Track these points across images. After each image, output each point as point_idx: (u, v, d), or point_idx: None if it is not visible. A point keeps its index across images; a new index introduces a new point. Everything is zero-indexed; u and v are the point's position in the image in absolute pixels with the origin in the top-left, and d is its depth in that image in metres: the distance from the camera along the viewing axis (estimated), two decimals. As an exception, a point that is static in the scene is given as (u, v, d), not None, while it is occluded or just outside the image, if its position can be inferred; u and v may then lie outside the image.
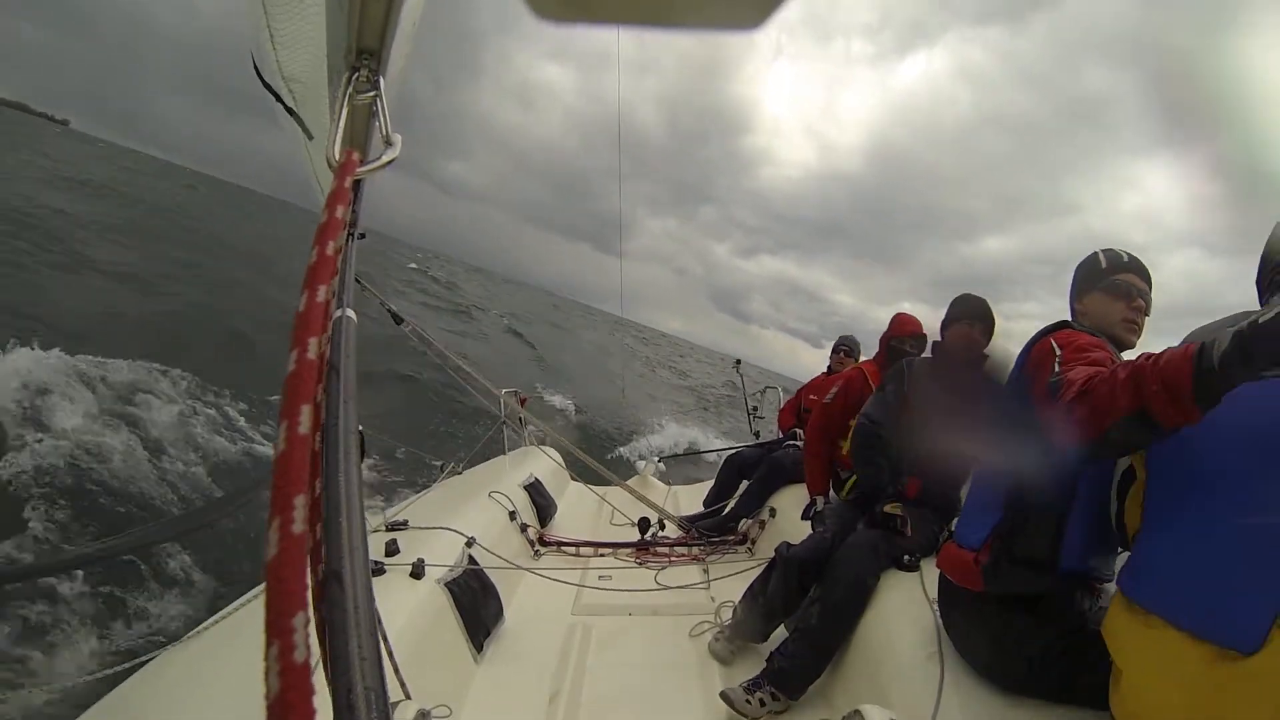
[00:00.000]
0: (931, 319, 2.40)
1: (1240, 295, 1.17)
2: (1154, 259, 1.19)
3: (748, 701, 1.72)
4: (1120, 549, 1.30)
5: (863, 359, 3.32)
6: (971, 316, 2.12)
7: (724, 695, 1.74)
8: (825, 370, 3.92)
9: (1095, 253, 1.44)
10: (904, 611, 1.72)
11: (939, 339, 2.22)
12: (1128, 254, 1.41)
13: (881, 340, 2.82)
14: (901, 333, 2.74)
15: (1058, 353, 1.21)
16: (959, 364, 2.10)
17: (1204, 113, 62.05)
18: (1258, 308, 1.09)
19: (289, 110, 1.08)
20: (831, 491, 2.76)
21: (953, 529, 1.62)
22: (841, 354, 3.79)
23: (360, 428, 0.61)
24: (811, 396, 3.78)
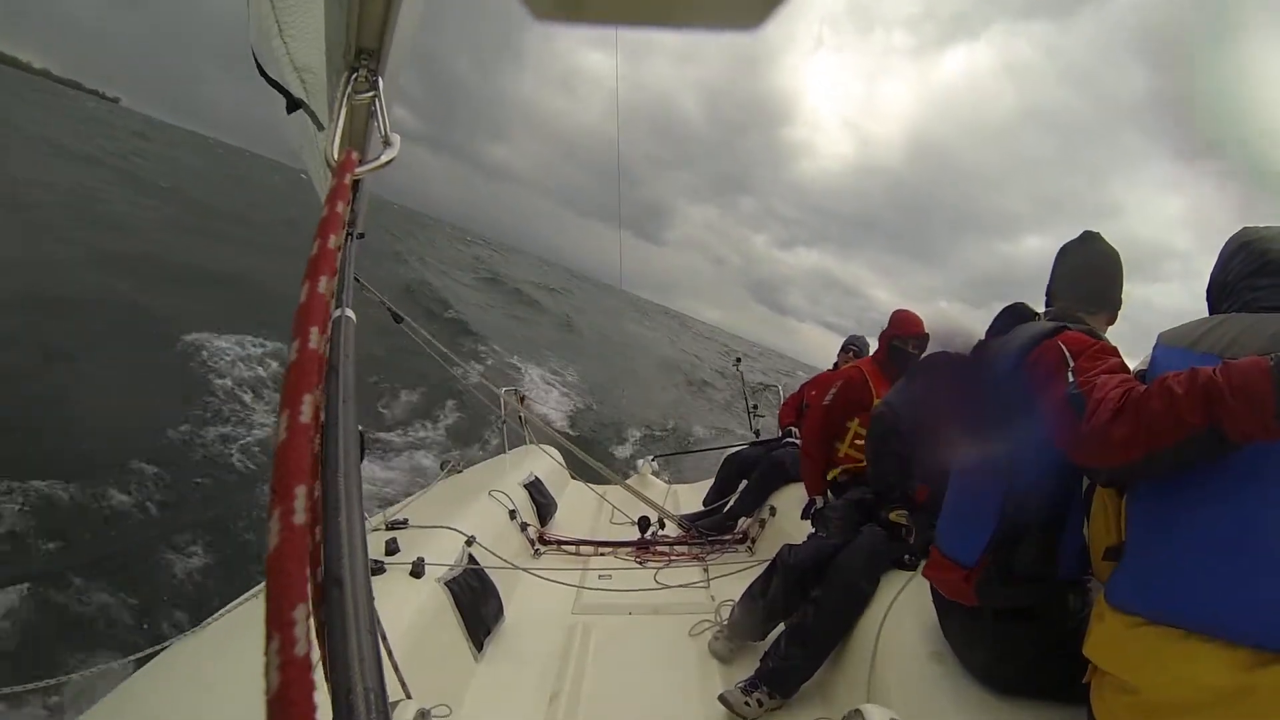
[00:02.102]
0: (961, 317, 2.30)
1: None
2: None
3: (746, 703, 1.72)
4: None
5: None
6: None
7: (722, 698, 1.75)
8: (832, 367, 3.93)
9: (1116, 258, 1.43)
10: (904, 610, 1.72)
11: (983, 341, 2.12)
12: None
13: (882, 338, 2.79)
14: (903, 332, 2.70)
15: (1070, 361, 1.13)
16: None
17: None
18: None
19: (297, 103, 1.08)
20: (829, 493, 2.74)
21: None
22: (850, 354, 3.81)
23: (360, 427, 0.62)
24: (813, 393, 3.78)
